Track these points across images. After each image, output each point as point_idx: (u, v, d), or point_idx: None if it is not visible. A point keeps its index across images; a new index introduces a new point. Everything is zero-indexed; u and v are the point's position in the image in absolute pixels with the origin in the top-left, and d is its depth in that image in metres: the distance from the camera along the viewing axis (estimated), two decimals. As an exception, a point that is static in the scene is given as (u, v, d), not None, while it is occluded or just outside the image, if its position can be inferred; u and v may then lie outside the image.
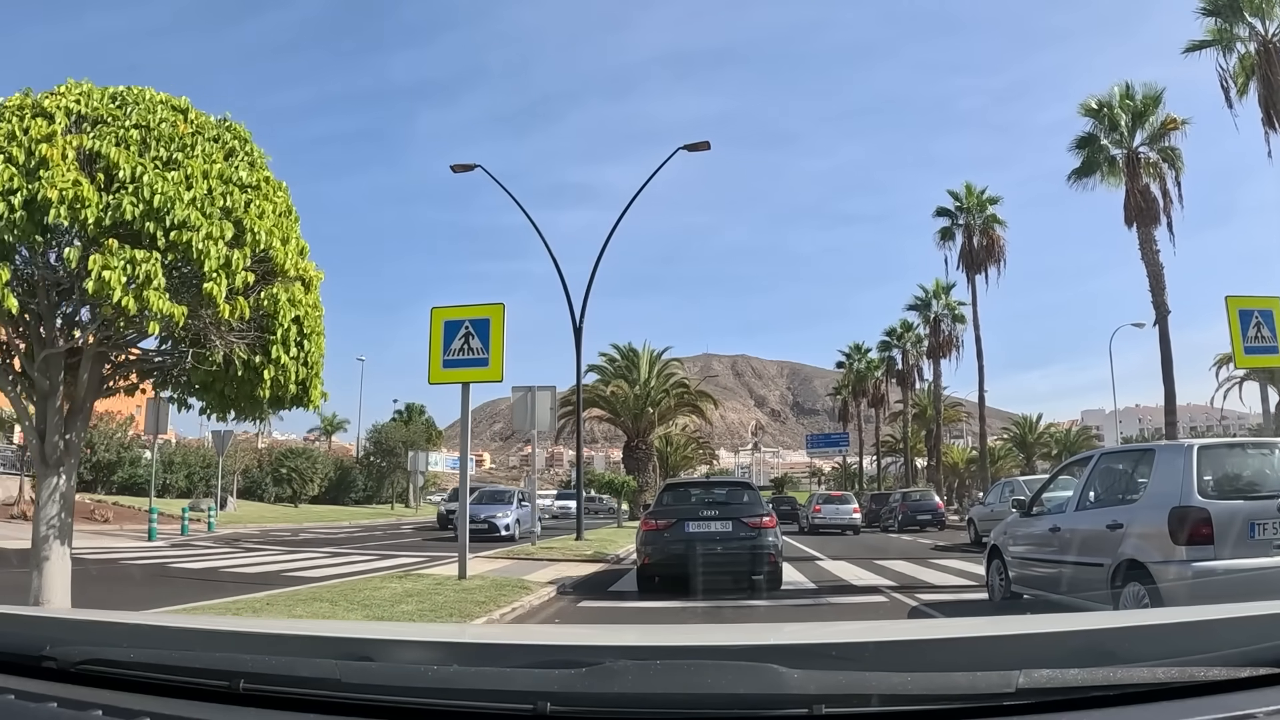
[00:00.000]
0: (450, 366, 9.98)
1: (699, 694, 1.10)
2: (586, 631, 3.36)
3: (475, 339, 9.92)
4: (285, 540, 21.16)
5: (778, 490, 67.56)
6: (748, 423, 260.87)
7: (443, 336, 10.08)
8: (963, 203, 32.16)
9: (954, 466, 53.02)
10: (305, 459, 45.82)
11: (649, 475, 36.68)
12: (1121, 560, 5.78)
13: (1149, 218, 21.01)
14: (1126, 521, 5.93)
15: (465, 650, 1.41)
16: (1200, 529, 5.34)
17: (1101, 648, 1.21)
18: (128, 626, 1.58)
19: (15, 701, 1.23)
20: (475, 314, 10.04)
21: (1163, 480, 5.80)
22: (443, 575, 10.53)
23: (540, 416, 16.81)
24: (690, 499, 10.77)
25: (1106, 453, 7.44)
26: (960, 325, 36.95)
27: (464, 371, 9.93)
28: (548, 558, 14.62)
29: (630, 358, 35.79)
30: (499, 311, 9.94)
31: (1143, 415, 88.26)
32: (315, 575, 11.87)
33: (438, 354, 10.05)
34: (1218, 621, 1.41)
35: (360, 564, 14.02)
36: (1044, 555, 7.16)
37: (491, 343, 9.84)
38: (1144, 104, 21.60)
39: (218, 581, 11.06)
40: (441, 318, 10.15)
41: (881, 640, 1.42)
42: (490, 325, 9.91)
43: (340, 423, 73.28)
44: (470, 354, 9.90)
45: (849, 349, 52.54)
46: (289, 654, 1.32)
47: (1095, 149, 22.33)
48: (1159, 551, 5.52)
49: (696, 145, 21.13)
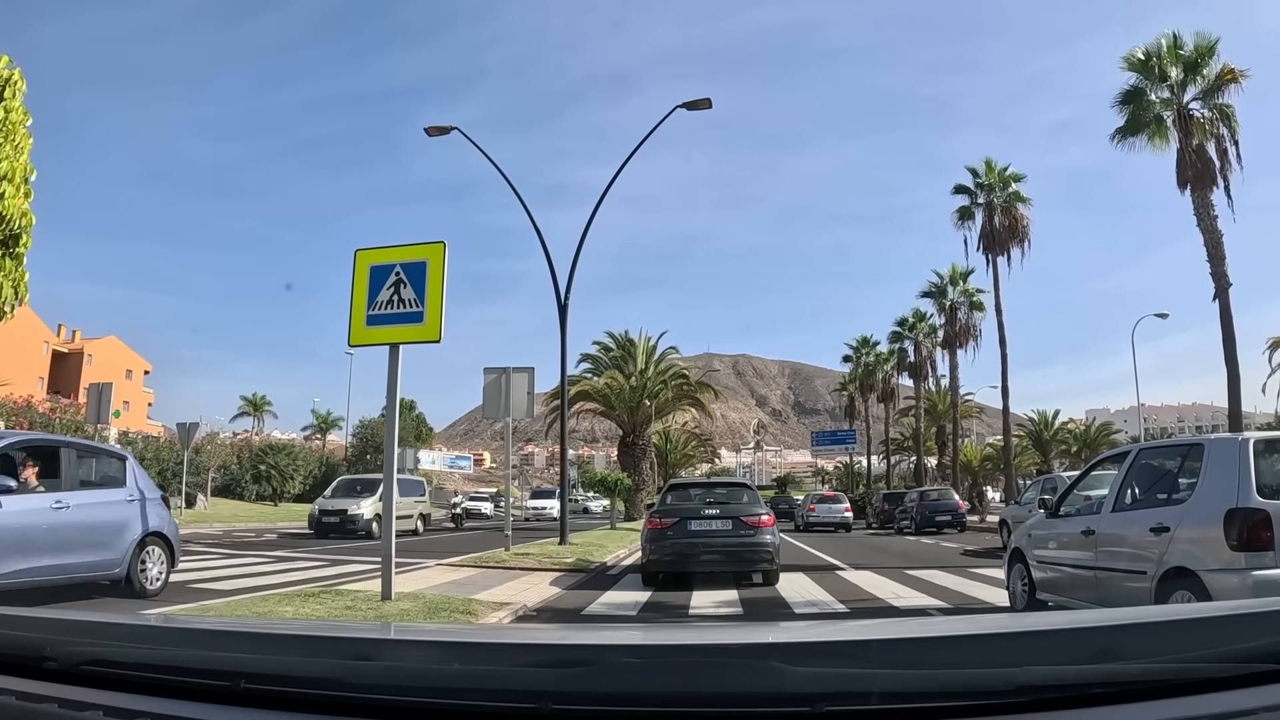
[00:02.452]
0: (376, 324, 7.76)
1: (701, 692, 1.09)
2: (589, 630, 3.46)
3: (408, 288, 7.71)
4: (241, 543, 18.81)
5: (780, 489, 68.33)
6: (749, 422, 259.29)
7: (367, 286, 7.87)
8: (983, 179, 29.77)
9: (967, 465, 50.69)
10: (286, 455, 43.42)
11: (646, 473, 34.31)
12: (1168, 567, 5.34)
13: (1205, 180, 18.71)
14: (1174, 524, 5.44)
15: (467, 650, 1.35)
16: (1260, 533, 4.86)
17: (1102, 645, 1.18)
18: (128, 627, 1.58)
19: (15, 703, 1.23)
20: (409, 256, 7.82)
21: (1215, 478, 5.29)
22: (371, 593, 8.30)
23: (516, 403, 14.55)
24: (692, 498, 11.15)
25: (1146, 447, 6.79)
26: (978, 313, 34.49)
27: (392, 330, 7.70)
28: (520, 566, 12.38)
29: (626, 347, 33.18)
30: (438, 252, 7.71)
31: (1148, 415, 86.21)
32: (219, 589, 9.75)
33: (361, 308, 7.83)
34: (1219, 619, 1.39)
35: (296, 573, 11.78)
36: (1075, 560, 6.60)
37: (429, 293, 7.62)
38: (1196, 54, 19.28)
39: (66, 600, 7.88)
40: (367, 262, 7.94)
41: (883, 638, 1.36)
42: (427, 271, 7.68)
43: (335, 420, 71.31)
44: (401, 307, 7.69)
45: (856, 342, 50.06)
46: (290, 654, 1.34)
47: (1141, 105, 19.96)
48: (1212, 558, 5.04)
49: (696, 103, 19.18)
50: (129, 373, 75.25)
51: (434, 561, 13.40)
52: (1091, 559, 6.34)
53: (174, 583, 9.33)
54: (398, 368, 7.64)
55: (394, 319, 7.68)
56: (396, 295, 7.72)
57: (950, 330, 35.03)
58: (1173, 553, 5.33)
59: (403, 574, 11.84)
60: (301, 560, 14.12)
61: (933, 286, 35.99)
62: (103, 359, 71.61)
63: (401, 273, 7.76)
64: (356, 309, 7.85)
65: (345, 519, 20.69)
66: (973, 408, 49.90)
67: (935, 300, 36.04)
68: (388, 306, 7.73)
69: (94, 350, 72.30)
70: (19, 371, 56.89)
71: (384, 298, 7.76)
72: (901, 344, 42.89)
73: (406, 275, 7.74)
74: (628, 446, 32.64)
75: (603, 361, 33.18)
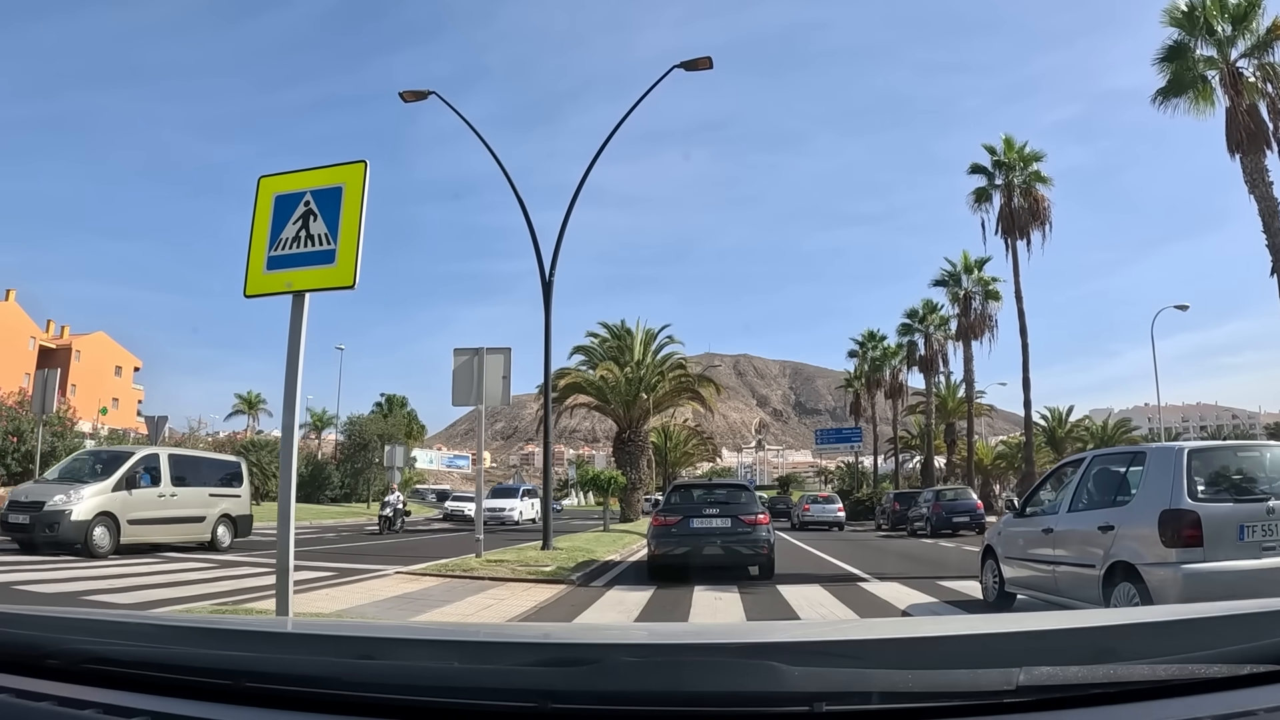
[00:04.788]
0: (278, 267, 5.98)
1: (700, 691, 1.09)
2: (589, 629, 3.63)
3: (318, 220, 5.93)
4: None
5: (783, 490, 69.34)
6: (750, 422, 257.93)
7: (270, 221, 6.10)
8: (1001, 158, 27.93)
9: (979, 464, 48.83)
10: (268, 452, 41.55)
11: (643, 471, 32.46)
12: (1112, 562, 5.89)
13: (1258, 143, 16.89)
14: (1118, 523, 6.02)
15: (467, 648, 1.36)
16: (1190, 531, 5.43)
17: (1102, 645, 1.18)
18: (128, 625, 1.60)
19: (14, 701, 1.22)
20: (322, 181, 6.04)
21: (1154, 482, 5.86)
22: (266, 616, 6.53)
23: (490, 388, 12.78)
24: (694, 498, 12.01)
25: (1099, 454, 7.33)
26: (994, 303, 32.60)
27: (296, 274, 5.91)
28: (490, 575, 10.60)
29: (622, 337, 31.12)
30: (358, 175, 5.93)
31: (1152, 415, 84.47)
32: (120, 602, 8.06)
33: (261, 248, 6.05)
34: (1219, 619, 1.37)
35: (199, 585, 9.92)
36: (1036, 556, 7.18)
37: (343, 227, 5.84)
38: (1244, 6, 17.43)
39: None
40: (272, 190, 6.17)
41: (882, 638, 1.40)
42: (343, 199, 5.90)
43: (330, 418, 69.52)
44: (309, 245, 5.91)
45: (862, 336, 48.09)
46: (291, 652, 1.34)
47: (1186, 63, 18.19)
48: (1149, 553, 5.61)
49: (695, 62, 17.43)
50: (118, 369, 73.75)
51: (394, 569, 11.63)
52: (1050, 555, 6.89)
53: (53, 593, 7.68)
54: (302, 321, 5.84)
55: (299, 260, 5.88)
56: (304, 230, 5.94)
57: (964, 321, 33.10)
58: (1116, 549, 5.85)
59: (342, 586, 10.07)
60: (224, 569, 12.31)
61: (945, 275, 34.03)
62: (91, 355, 70.14)
63: (312, 201, 5.97)
64: (256, 249, 6.04)
65: (40, 519, 12.32)
66: (983, 406, 48.05)
67: (948, 289, 34.07)
68: (293, 245, 5.94)
69: (82, 346, 70.84)
70: (3, 367, 55.38)
71: (289, 234, 5.97)
72: (911, 337, 40.81)
73: (318, 205, 5.95)
74: (623, 443, 30.70)
75: (597, 353, 31.11)
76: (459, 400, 12.71)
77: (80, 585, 9.36)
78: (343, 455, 51.54)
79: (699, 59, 17.35)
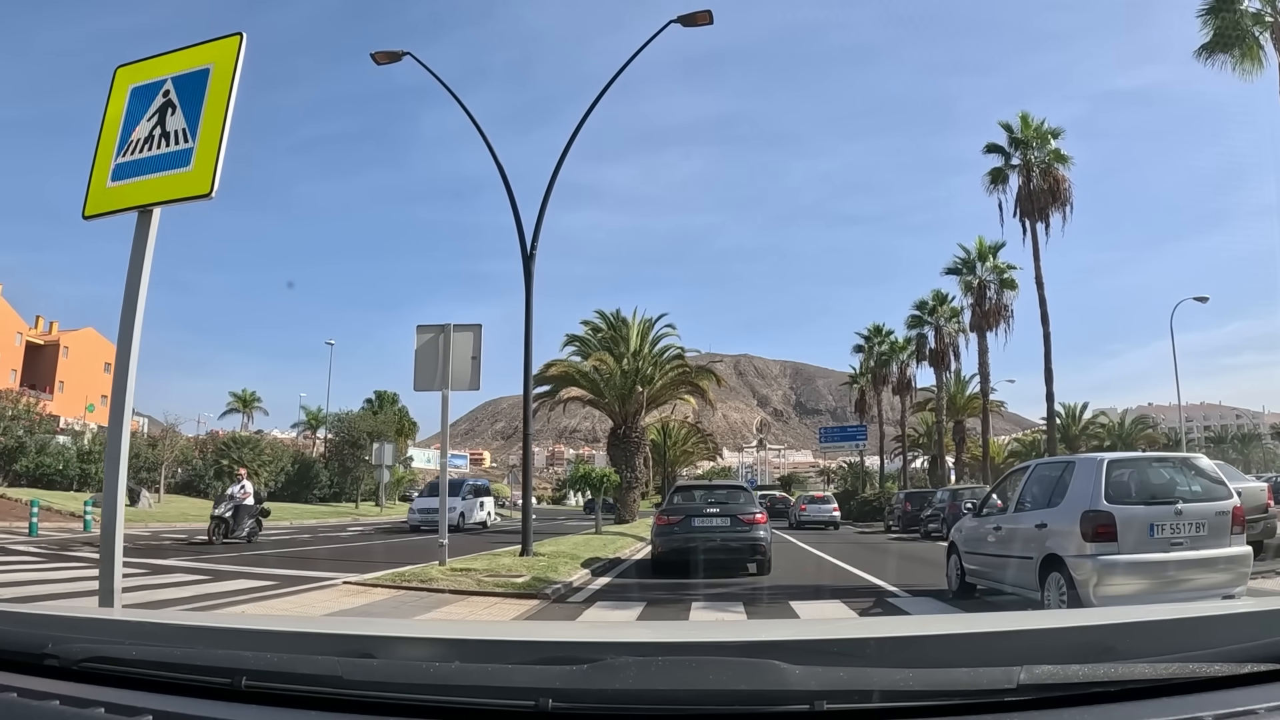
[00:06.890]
0: (124, 177, 4.43)
1: (701, 690, 1.08)
2: (588, 628, 3.51)
3: (176, 114, 4.41)
4: (145, 547, 15.41)
5: (785, 489, 71.66)
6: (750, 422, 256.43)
7: (123, 120, 4.55)
8: (1019, 135, 26.29)
9: (991, 462, 47.17)
10: (251, 449, 39.87)
11: (640, 470, 30.78)
12: (1045, 554, 6.86)
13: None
14: (1050, 522, 6.99)
15: (467, 647, 1.36)
16: (1105, 528, 6.37)
17: (1103, 644, 1.19)
18: (130, 624, 1.61)
19: (17, 700, 1.21)
20: (187, 64, 4.48)
21: (1078, 487, 6.82)
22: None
23: (457, 371, 11.18)
24: (696, 499, 12.49)
25: (1041, 464, 8.46)
26: (1010, 292, 30.92)
27: (145, 184, 4.37)
28: (452, 588, 9.01)
29: (618, 327, 29.36)
30: (229, 56, 4.39)
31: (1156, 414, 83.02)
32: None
33: (108, 154, 4.50)
34: (1218, 618, 1.40)
35: (144, 592, 8.38)
36: (989, 551, 8.09)
37: (204, 120, 4.31)
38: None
39: None
40: (129, 82, 4.64)
41: (883, 636, 1.40)
42: (209, 85, 4.35)
43: (325, 417, 67.76)
44: (163, 145, 4.38)
45: (868, 330, 46.28)
46: (291, 651, 1.31)
47: (1232, 15, 16.66)
48: (1073, 547, 6.54)
49: (694, 16, 15.95)
50: (108, 365, 72.20)
51: (343, 578, 10.05)
52: (1000, 549, 7.83)
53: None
54: (147, 242, 4.26)
55: (148, 165, 4.35)
56: (159, 128, 4.40)
57: (979, 311, 31.36)
58: (1049, 543, 6.89)
59: (271, 600, 8.51)
60: (172, 574, 10.75)
61: (958, 262, 32.24)
62: (80, 351, 68.73)
63: (173, 91, 4.44)
64: (102, 158, 4.51)
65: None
66: (994, 403, 46.43)
67: (961, 278, 32.27)
68: (145, 147, 4.40)
69: (70, 342, 69.45)
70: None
71: (140, 134, 4.44)
72: (921, 329, 38.98)
73: (179, 95, 4.43)
74: (618, 439, 28.98)
75: (591, 343, 29.39)
76: (421, 385, 11.11)
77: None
78: (330, 453, 49.78)
79: (698, 12, 15.90)
